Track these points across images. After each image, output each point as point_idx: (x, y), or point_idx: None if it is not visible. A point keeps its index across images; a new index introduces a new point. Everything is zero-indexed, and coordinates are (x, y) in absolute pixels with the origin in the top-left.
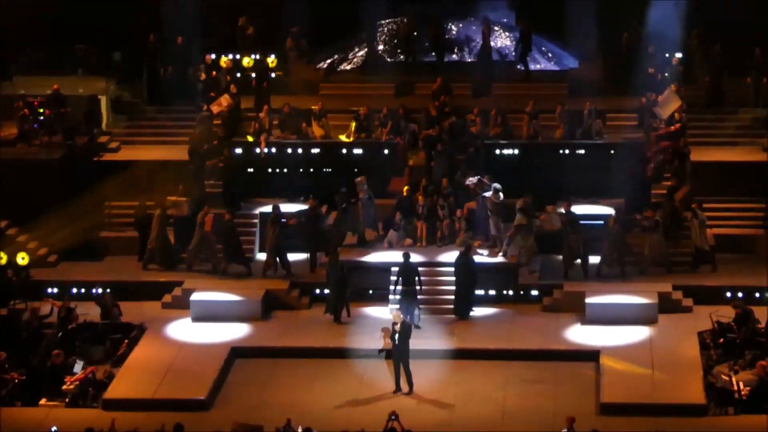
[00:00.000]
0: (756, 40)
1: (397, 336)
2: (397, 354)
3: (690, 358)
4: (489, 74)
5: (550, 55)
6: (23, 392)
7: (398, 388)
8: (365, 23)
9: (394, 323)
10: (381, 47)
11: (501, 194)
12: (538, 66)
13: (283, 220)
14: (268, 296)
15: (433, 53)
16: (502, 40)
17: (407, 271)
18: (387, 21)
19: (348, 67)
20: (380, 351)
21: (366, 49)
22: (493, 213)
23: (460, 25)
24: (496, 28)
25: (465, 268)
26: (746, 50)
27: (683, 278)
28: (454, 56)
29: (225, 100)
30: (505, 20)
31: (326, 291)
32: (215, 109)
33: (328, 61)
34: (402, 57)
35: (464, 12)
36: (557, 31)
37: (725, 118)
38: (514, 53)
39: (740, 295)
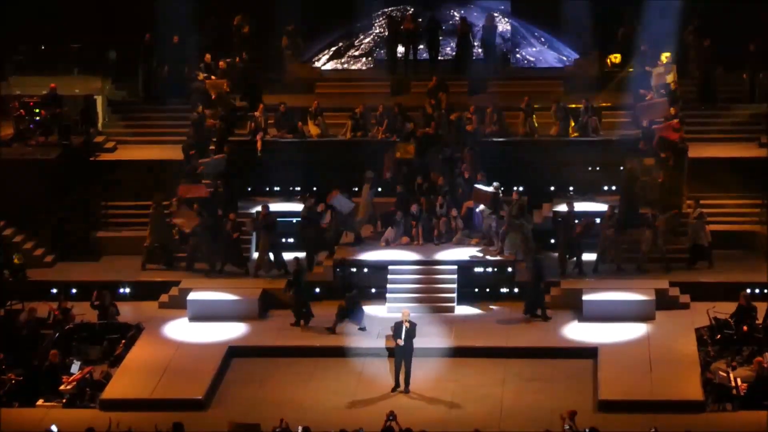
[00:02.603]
0: (751, 35)
1: (404, 334)
2: (404, 352)
3: (687, 355)
4: (470, 72)
5: (542, 40)
6: (21, 393)
7: (398, 384)
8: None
9: (402, 321)
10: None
11: (501, 191)
12: (533, 50)
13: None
14: (265, 295)
15: (429, 50)
16: (503, 25)
17: (344, 278)
18: (390, 9)
19: (356, 54)
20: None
21: (371, 38)
22: (494, 212)
23: (462, 12)
24: (496, 14)
25: (534, 269)
26: (742, 45)
27: (680, 275)
28: (453, 45)
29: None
30: (502, 7)
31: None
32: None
33: (333, 48)
34: (403, 53)
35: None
36: (554, 26)
37: (721, 113)
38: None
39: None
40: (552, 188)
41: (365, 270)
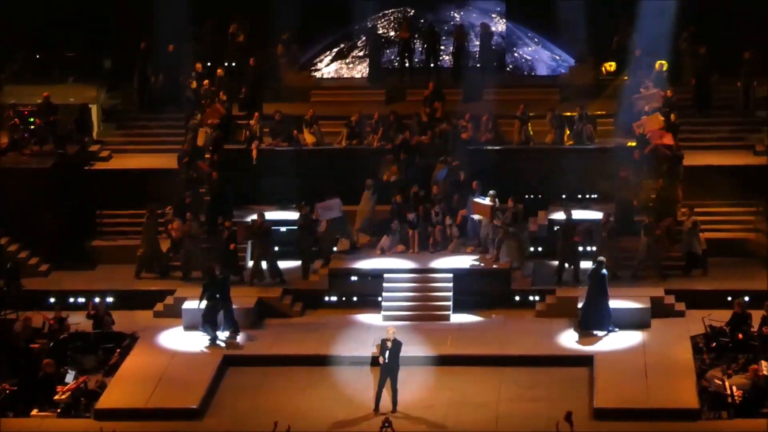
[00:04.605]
0: (747, 42)
1: (387, 353)
2: (387, 370)
3: (683, 363)
4: (466, 80)
5: (536, 40)
6: (15, 403)
7: (377, 409)
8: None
9: (386, 339)
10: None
11: (497, 200)
12: (529, 49)
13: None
14: (261, 304)
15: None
16: (500, 25)
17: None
18: (390, 11)
19: (360, 54)
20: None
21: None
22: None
23: (462, 13)
24: (494, 15)
25: (596, 281)
26: (737, 52)
27: (675, 282)
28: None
29: (217, 112)
30: (498, 9)
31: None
32: (209, 119)
33: (335, 50)
34: (398, 62)
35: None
36: (549, 31)
37: (715, 120)
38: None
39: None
40: (547, 196)
41: (361, 278)
